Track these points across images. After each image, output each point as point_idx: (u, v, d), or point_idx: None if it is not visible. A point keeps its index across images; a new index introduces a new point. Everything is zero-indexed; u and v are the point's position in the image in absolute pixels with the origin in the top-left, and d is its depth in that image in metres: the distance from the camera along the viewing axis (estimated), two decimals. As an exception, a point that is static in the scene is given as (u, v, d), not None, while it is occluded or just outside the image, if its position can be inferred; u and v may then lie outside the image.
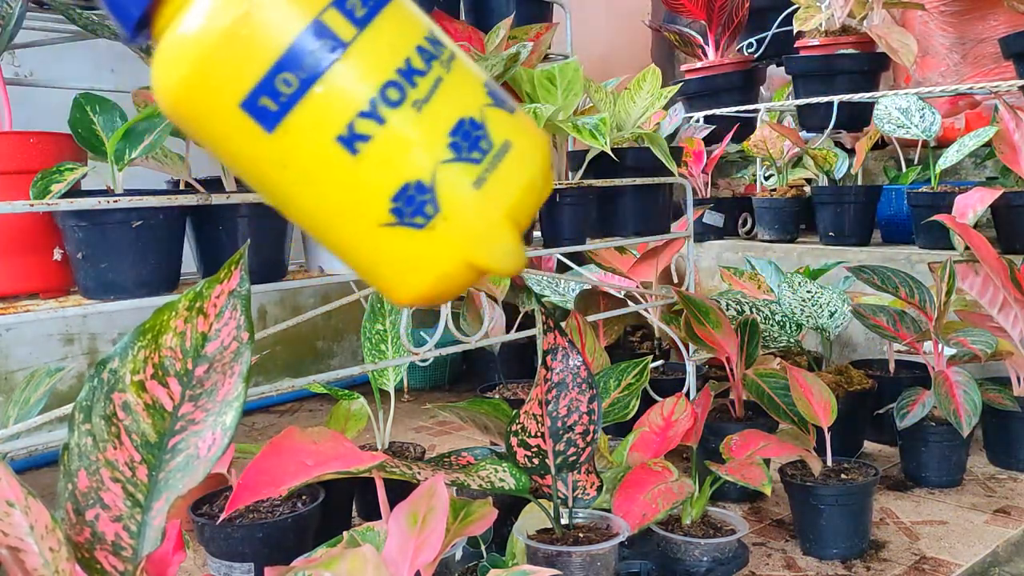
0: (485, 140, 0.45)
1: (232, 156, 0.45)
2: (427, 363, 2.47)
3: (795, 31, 2.65)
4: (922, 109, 2.32)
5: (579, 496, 1.23)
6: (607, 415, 1.45)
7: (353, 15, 0.43)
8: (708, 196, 2.80)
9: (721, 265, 2.37)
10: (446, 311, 1.38)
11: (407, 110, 0.43)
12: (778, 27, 3.10)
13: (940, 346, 1.73)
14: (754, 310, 1.91)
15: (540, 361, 1.15)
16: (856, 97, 2.55)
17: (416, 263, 0.46)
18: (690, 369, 1.87)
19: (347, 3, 0.43)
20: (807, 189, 2.69)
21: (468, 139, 0.45)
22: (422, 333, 1.58)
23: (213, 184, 1.25)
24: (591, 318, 1.71)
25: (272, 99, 0.42)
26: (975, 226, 1.90)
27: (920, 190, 2.30)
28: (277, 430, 2.34)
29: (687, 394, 1.83)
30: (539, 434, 1.15)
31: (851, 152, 2.58)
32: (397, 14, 0.45)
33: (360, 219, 0.45)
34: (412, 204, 0.44)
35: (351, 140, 0.43)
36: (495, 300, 2.17)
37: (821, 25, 2.59)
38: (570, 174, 1.66)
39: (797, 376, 1.49)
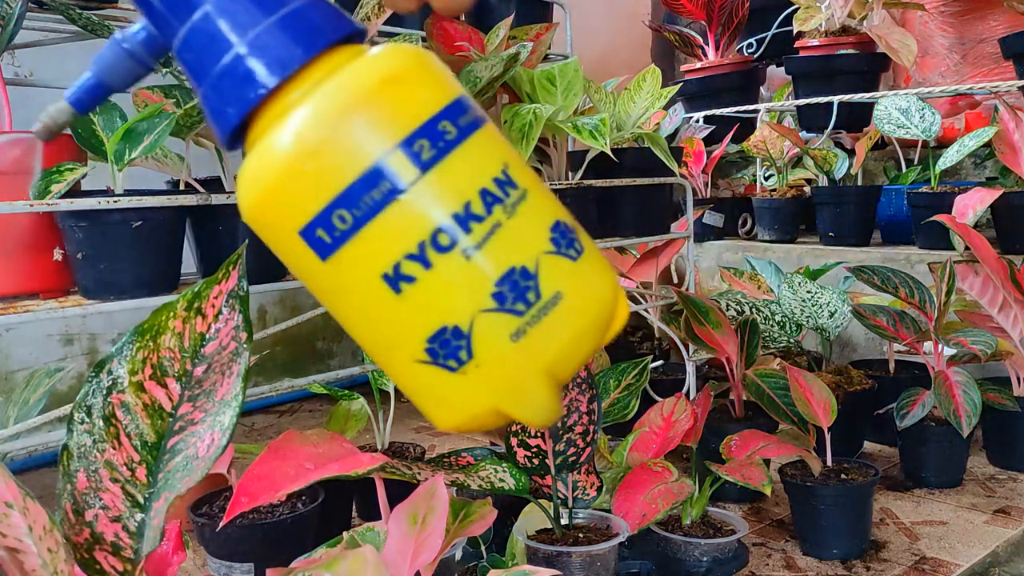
0: (533, 291, 0.45)
1: (297, 273, 0.46)
2: (427, 363, 2.46)
3: (795, 31, 2.65)
4: (922, 109, 2.32)
5: (579, 496, 1.23)
6: (607, 415, 1.45)
7: (419, 157, 0.43)
8: (708, 196, 2.80)
9: (721, 265, 2.37)
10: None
11: (455, 256, 0.43)
12: (778, 27, 3.10)
13: (940, 346, 1.73)
14: (754, 310, 1.91)
15: (540, 361, 1.14)
16: (856, 97, 2.55)
17: (447, 401, 0.47)
18: (690, 369, 1.87)
19: (415, 144, 0.43)
20: (807, 189, 2.69)
21: (515, 289, 0.44)
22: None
23: (213, 184, 1.25)
24: (591, 318, 1.70)
25: (327, 232, 0.43)
26: (975, 226, 1.90)
27: (920, 190, 2.29)
28: (277, 430, 2.34)
29: (687, 394, 1.83)
30: (539, 434, 1.15)
31: (851, 152, 2.58)
32: (470, 152, 0.45)
33: (399, 352, 0.46)
34: (447, 347, 0.45)
35: (396, 280, 0.44)
36: (495, 300, 2.17)
37: (821, 25, 2.59)
38: (570, 174, 1.66)
39: (797, 376, 1.49)
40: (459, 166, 0.44)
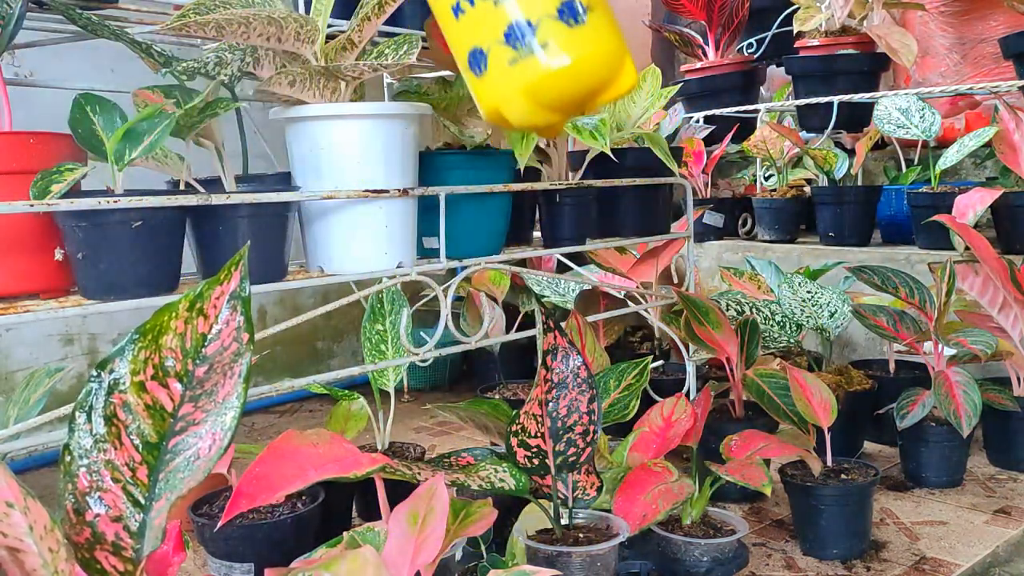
0: (529, 37, 0.70)
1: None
2: (427, 363, 2.46)
3: (795, 31, 2.65)
4: (922, 109, 2.32)
5: (579, 496, 1.23)
6: (607, 415, 1.45)
7: None
8: (708, 196, 2.79)
9: (721, 265, 2.37)
10: (446, 311, 1.38)
11: (487, 3, 0.71)
12: (778, 27, 3.10)
13: (940, 346, 1.73)
14: (754, 310, 1.91)
15: (540, 361, 1.15)
16: (856, 97, 2.55)
17: (478, 94, 0.75)
18: (690, 369, 1.87)
19: None
20: (807, 189, 2.69)
21: (519, 31, 0.71)
22: (422, 333, 1.58)
23: (213, 184, 1.25)
24: (591, 318, 1.71)
25: None
26: (975, 226, 1.90)
27: (920, 190, 2.29)
28: (277, 430, 2.34)
29: (687, 394, 1.83)
30: (539, 434, 1.15)
31: (851, 152, 2.58)
32: None
33: (458, 58, 0.75)
34: (476, 60, 0.73)
35: (456, 10, 0.73)
36: (495, 300, 2.17)
37: (821, 25, 2.59)
38: (570, 174, 1.66)
39: (797, 376, 1.49)
40: None
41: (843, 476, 1.46)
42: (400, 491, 1.00)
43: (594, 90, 0.73)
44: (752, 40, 3.20)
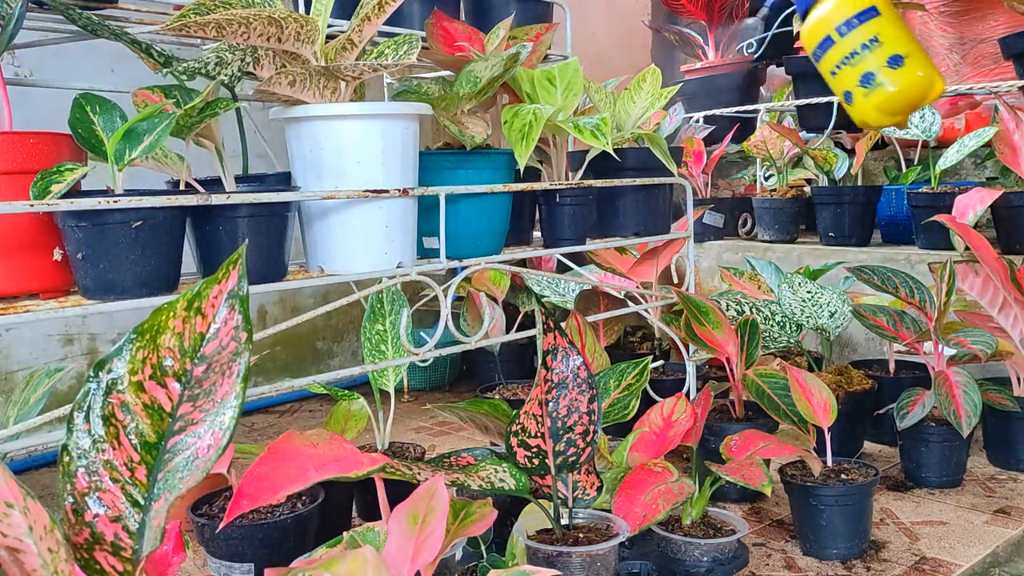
0: (898, 58, 1.28)
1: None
2: (427, 363, 2.46)
3: (795, 31, 2.64)
4: (922, 109, 2.31)
5: (579, 496, 1.23)
6: (607, 415, 1.44)
7: (850, 25, 1.30)
8: (708, 196, 2.79)
9: (721, 265, 2.37)
10: (446, 311, 1.38)
11: (848, 66, 1.32)
12: (778, 27, 3.10)
13: (940, 346, 1.73)
14: (754, 310, 1.91)
15: (540, 361, 1.15)
16: (856, 97, 2.54)
17: (875, 102, 1.30)
18: (690, 369, 1.87)
19: (850, 23, 1.30)
20: (807, 189, 2.69)
21: (895, 61, 1.27)
22: (422, 333, 1.58)
23: (213, 184, 1.25)
24: (591, 318, 1.71)
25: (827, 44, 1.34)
26: (975, 226, 1.90)
27: (920, 190, 2.29)
28: (277, 430, 2.34)
29: (687, 394, 1.83)
30: (539, 434, 1.15)
31: (851, 152, 2.58)
32: (873, 26, 1.29)
33: (846, 84, 1.32)
34: (866, 83, 1.28)
35: (833, 71, 1.35)
36: (495, 300, 2.17)
37: (821, 25, 2.58)
38: (570, 174, 1.66)
39: (797, 376, 1.49)
40: (864, 30, 1.29)
41: (843, 476, 1.46)
42: (400, 491, 1.00)
43: (917, 102, 1.28)
44: (752, 40, 3.20)
